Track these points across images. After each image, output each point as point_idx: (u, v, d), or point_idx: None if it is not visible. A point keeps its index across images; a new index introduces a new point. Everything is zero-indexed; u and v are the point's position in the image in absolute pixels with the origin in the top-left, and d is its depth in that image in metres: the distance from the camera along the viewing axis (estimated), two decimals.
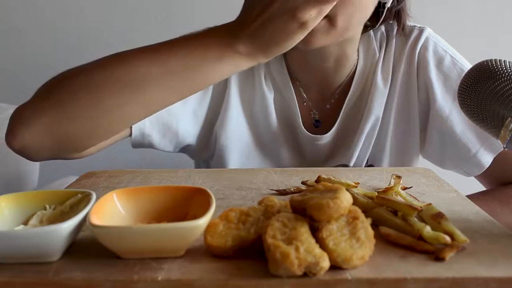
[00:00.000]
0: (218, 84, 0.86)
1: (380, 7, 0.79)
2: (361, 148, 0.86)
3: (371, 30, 0.87)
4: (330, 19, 0.70)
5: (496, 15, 1.51)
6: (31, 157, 0.69)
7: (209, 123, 0.88)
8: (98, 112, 0.64)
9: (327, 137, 0.87)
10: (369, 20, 0.80)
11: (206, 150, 0.91)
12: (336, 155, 0.88)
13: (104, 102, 0.64)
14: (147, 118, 0.77)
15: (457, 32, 1.23)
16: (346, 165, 0.87)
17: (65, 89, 0.65)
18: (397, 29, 0.86)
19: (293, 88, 0.87)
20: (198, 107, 0.86)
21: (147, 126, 0.81)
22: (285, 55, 0.87)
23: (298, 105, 0.87)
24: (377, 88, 0.85)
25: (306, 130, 0.87)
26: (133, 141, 0.82)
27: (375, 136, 0.87)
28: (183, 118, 0.84)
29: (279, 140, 0.89)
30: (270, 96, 0.87)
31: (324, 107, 0.88)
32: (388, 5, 0.80)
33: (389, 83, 0.86)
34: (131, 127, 0.79)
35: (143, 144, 0.84)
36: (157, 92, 0.65)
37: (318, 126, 0.88)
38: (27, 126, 0.64)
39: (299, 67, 0.87)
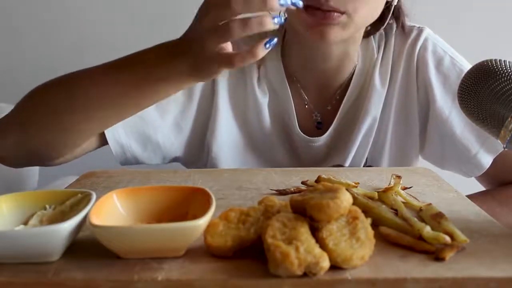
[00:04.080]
0: (205, 93, 0.85)
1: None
2: (358, 148, 0.86)
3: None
4: (348, 14, 0.72)
5: (496, 15, 1.51)
6: (11, 166, 0.77)
7: (197, 134, 0.86)
8: (55, 129, 0.69)
9: (323, 139, 0.86)
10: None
11: (198, 160, 0.90)
12: (331, 156, 0.88)
13: (60, 120, 0.69)
14: (121, 130, 0.80)
15: (457, 32, 1.23)
16: (341, 166, 0.86)
17: (29, 107, 0.71)
18: (396, 28, 0.86)
19: (292, 90, 0.86)
20: (181, 118, 0.84)
21: (123, 137, 0.81)
22: (283, 56, 0.87)
23: (297, 107, 0.86)
24: (375, 89, 0.85)
25: (307, 131, 0.86)
26: (116, 156, 0.82)
27: (373, 137, 0.86)
28: (163, 128, 0.83)
29: (274, 144, 0.88)
30: (264, 99, 0.86)
31: (325, 109, 0.88)
32: (395, 2, 0.81)
33: (388, 83, 0.85)
34: (105, 140, 0.80)
35: (127, 158, 0.83)
36: (106, 111, 0.68)
37: (320, 127, 0.88)
38: (0, 140, 0.72)
39: (300, 68, 0.87)
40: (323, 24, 0.72)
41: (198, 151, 0.88)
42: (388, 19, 0.83)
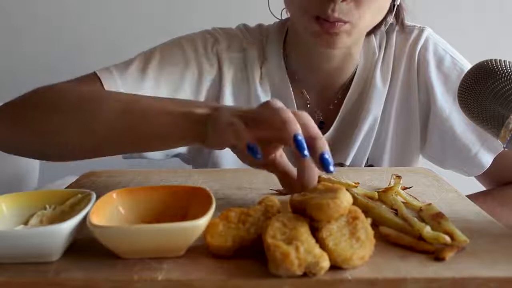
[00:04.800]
0: (212, 89, 0.85)
1: None
2: (359, 147, 0.86)
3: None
4: (353, 24, 0.73)
5: (496, 15, 1.51)
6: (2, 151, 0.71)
7: None
8: (43, 139, 0.64)
9: (324, 138, 0.86)
10: None
11: (199, 157, 0.90)
12: (333, 154, 0.87)
13: (51, 134, 0.63)
14: None
15: (457, 32, 1.23)
16: (342, 164, 0.86)
17: (28, 105, 0.66)
18: (396, 25, 0.86)
19: (294, 89, 0.86)
20: None
21: None
22: (285, 56, 0.87)
23: (298, 107, 0.86)
24: (376, 88, 0.85)
25: None
26: None
27: (374, 136, 0.86)
28: None
29: None
30: (265, 98, 0.86)
31: (327, 108, 0.88)
32: (398, 2, 0.81)
33: (389, 82, 0.86)
34: None
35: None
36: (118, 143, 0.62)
37: (323, 127, 0.88)
38: None
39: (302, 68, 0.87)
40: (329, 33, 0.73)
41: (199, 148, 0.88)
42: (390, 18, 0.83)
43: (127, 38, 1.47)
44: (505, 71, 0.50)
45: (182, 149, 0.88)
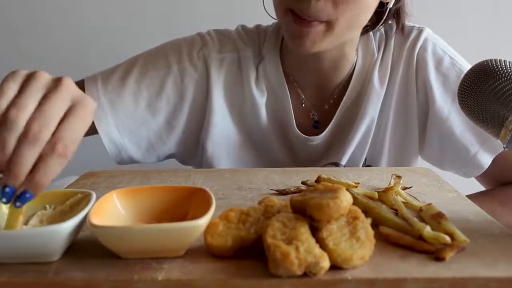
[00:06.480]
0: (197, 92, 0.85)
1: (380, 6, 0.79)
2: (356, 148, 0.86)
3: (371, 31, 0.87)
4: (329, 23, 0.71)
5: (496, 15, 1.51)
6: None
7: (191, 132, 0.87)
8: None
9: (320, 138, 0.86)
10: (369, 20, 0.80)
11: (193, 158, 0.91)
12: (328, 154, 0.88)
13: None
14: (115, 130, 0.81)
15: (457, 32, 1.23)
16: (337, 164, 0.86)
17: None
18: (396, 29, 0.86)
19: (289, 89, 0.86)
20: (172, 117, 0.85)
21: (117, 137, 0.82)
22: (281, 56, 0.87)
23: (294, 106, 0.86)
24: (374, 89, 0.85)
25: (304, 131, 0.86)
26: (111, 155, 0.84)
27: (371, 137, 0.86)
28: (155, 127, 0.85)
29: (271, 142, 0.88)
30: (261, 98, 0.86)
31: (322, 108, 0.88)
32: (390, 5, 0.80)
33: (386, 84, 0.85)
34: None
35: (122, 158, 0.85)
36: None
37: (318, 127, 0.88)
38: None
39: (297, 68, 0.87)
40: (303, 36, 0.73)
41: (192, 149, 0.89)
42: (384, 19, 0.82)
43: (127, 38, 1.47)
44: (505, 71, 0.50)
45: (174, 151, 0.89)
